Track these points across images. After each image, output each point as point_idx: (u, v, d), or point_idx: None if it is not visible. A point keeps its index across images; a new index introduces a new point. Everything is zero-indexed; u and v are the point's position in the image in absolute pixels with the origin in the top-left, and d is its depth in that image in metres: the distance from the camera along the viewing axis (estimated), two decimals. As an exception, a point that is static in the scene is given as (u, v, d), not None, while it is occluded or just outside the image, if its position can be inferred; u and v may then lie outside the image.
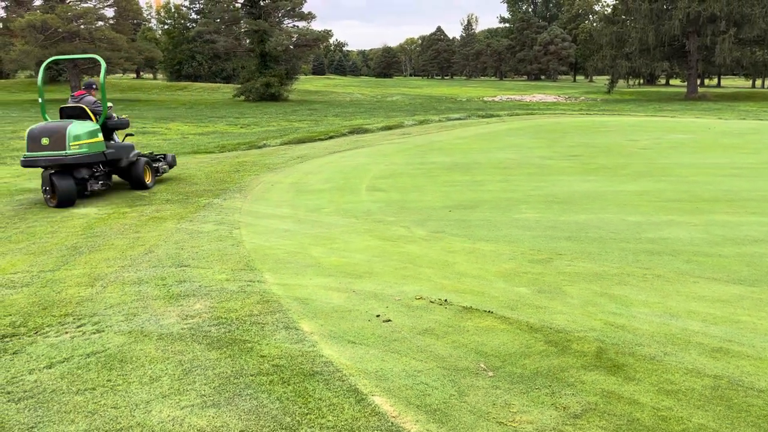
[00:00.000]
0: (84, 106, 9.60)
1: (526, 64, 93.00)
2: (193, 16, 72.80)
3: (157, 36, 77.05)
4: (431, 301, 4.61)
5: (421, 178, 11.05)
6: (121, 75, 77.92)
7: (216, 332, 4.07)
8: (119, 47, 44.44)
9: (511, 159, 13.25)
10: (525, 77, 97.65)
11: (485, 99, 46.68)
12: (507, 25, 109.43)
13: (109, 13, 48.01)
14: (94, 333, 4.13)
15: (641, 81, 65.70)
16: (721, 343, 3.78)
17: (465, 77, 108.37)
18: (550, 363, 3.54)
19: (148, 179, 10.24)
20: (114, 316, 4.43)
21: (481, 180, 10.67)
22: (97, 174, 9.55)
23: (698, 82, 52.58)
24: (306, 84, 61.14)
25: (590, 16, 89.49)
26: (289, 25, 47.51)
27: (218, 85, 60.62)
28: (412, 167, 12.36)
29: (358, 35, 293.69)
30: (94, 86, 10.32)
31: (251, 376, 3.45)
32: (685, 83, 50.89)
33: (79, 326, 4.26)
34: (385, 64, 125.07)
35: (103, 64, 10.76)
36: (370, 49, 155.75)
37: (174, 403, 3.18)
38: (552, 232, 6.82)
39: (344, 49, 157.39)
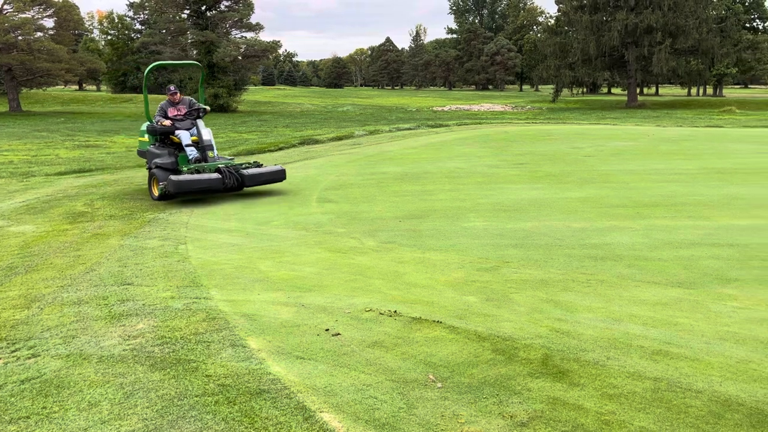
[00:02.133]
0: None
1: (474, 74, 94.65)
2: (138, 26, 71.34)
3: (100, 47, 75.15)
4: (381, 313, 4.60)
5: (372, 188, 11.06)
6: (63, 87, 75.59)
7: (159, 353, 3.96)
8: (59, 58, 43.10)
9: (460, 168, 13.40)
10: (473, 87, 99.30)
11: (435, 109, 47.21)
12: (454, 36, 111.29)
13: (49, 23, 46.53)
14: (30, 358, 3.96)
15: (584, 90, 67.66)
16: (661, 345, 3.89)
17: (415, 87, 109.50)
18: (497, 371, 3.57)
19: (155, 191, 10.06)
20: (51, 339, 4.25)
21: (431, 189, 10.75)
22: None
23: (638, 90, 54.50)
24: (255, 95, 60.60)
25: (534, 27, 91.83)
26: (237, 36, 47.09)
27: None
28: (363, 178, 12.36)
29: (308, 46, 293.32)
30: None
31: (196, 397, 3.36)
32: (626, 92, 52.64)
33: (13, 351, 4.08)
34: (335, 74, 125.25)
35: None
36: (321, 60, 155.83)
37: (114, 429, 3.06)
38: (500, 240, 6.92)
39: (294, 59, 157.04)
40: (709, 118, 30.84)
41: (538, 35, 72.05)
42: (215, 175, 9.53)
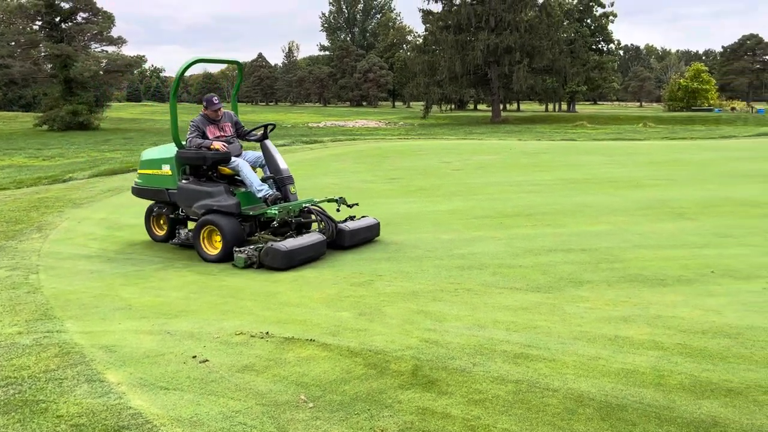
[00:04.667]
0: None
1: (348, 91, 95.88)
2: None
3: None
4: (252, 336, 4.48)
5: (244, 207, 10.81)
6: None
7: (3, 395, 3.59)
8: None
9: (334, 184, 13.46)
10: (348, 103, 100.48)
11: (310, 125, 47.20)
12: (327, 53, 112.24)
13: None
14: None
15: (453, 106, 70.79)
16: (522, 348, 4.11)
17: (289, 103, 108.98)
18: (369, 386, 3.59)
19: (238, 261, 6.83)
20: None
21: (305, 206, 10.69)
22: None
23: (501, 106, 57.77)
24: (120, 111, 57.50)
25: (404, 45, 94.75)
26: (96, 49, 44.41)
27: (15, 113, 54.82)
28: (235, 196, 12.06)
29: (179, 61, 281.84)
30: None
31: (45, 441, 3.08)
32: (491, 108, 55.61)
33: None
34: (206, 90, 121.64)
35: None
36: (191, 75, 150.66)
37: (-55, 487, 2.73)
38: (373, 254, 7.01)
39: (162, 75, 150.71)
40: (564, 132, 33.32)
41: (408, 53, 74.47)
42: (321, 237, 6.89)
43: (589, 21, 69.93)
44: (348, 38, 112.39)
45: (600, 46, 72.39)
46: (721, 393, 3.39)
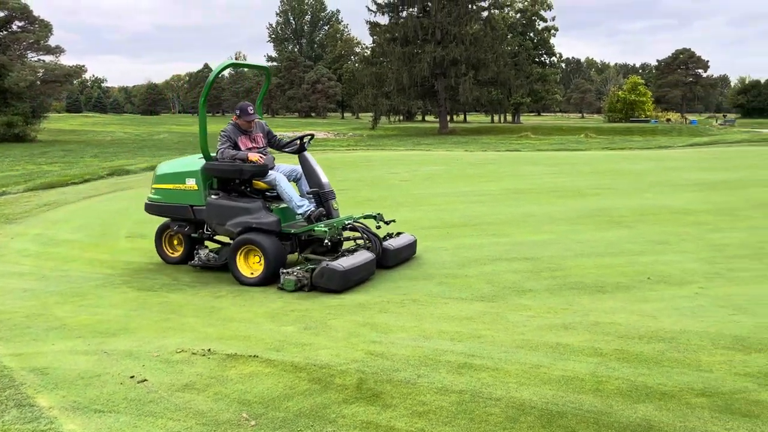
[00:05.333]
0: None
1: (296, 102, 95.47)
2: None
3: None
4: (194, 353, 4.37)
5: (189, 220, 10.59)
6: None
7: (-77, 425, 3.39)
8: None
9: (281, 196, 13.34)
10: (296, 114, 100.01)
11: (257, 136, 46.66)
12: (275, 63, 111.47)
13: None
14: None
15: (401, 117, 71.36)
16: (466, 358, 4.14)
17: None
18: (313, 401, 3.55)
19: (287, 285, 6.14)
20: None
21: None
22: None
23: (448, 118, 58.51)
24: (59, 123, 55.60)
25: (352, 57, 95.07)
26: (33, 59, 42.83)
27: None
28: (179, 209, 11.79)
29: (121, 71, 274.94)
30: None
31: (-32, 472, 2.91)
32: (438, 119, 56.26)
33: None
34: (150, 101, 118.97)
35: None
36: (134, 86, 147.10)
37: None
38: (319, 266, 6.94)
39: (103, 85, 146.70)
40: (509, 143, 34.00)
41: (356, 65, 74.78)
42: (372, 256, 6.38)
43: (531, 34, 71.86)
44: (296, 49, 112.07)
45: (543, 58, 74.40)
46: (655, 396, 3.49)
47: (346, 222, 6.68)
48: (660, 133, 43.75)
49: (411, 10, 48.38)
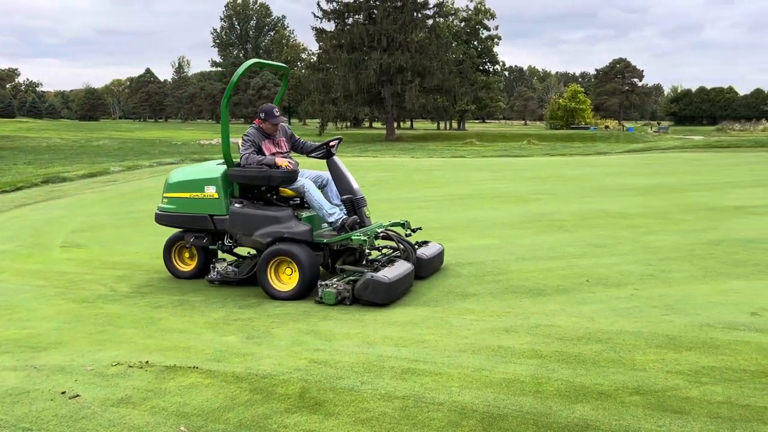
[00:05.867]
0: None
1: (242, 108, 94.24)
2: None
3: None
4: (130, 366, 4.22)
5: (129, 228, 10.29)
6: None
7: None
8: None
9: (225, 203, 13.12)
10: (242, 120, 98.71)
11: (202, 142, 45.81)
12: (220, 69, 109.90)
13: None
14: None
15: (348, 124, 71.40)
16: (410, 364, 4.15)
17: (180, 120, 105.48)
18: (254, 412, 3.48)
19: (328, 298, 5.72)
20: None
21: (194, 227, 10.34)
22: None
23: (395, 124, 58.94)
24: (-11, 128, 53.13)
25: (298, 63, 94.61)
26: (-39, 60, 40.91)
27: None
28: (119, 217, 11.45)
29: (58, 75, 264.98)
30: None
31: None
32: (385, 126, 56.59)
33: None
34: (89, 106, 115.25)
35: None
36: (72, 90, 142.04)
37: None
38: (263, 274, 6.84)
39: (39, 89, 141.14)
40: (455, 149, 34.46)
41: (302, 71, 74.37)
42: (411, 266, 6.04)
43: (476, 43, 73.19)
44: (241, 54, 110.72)
45: (486, 67, 75.89)
46: (593, 396, 3.58)
47: (379, 230, 6.34)
48: (599, 139, 45.19)
49: (357, 17, 48.61)
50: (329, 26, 49.95)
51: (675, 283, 6.05)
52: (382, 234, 6.33)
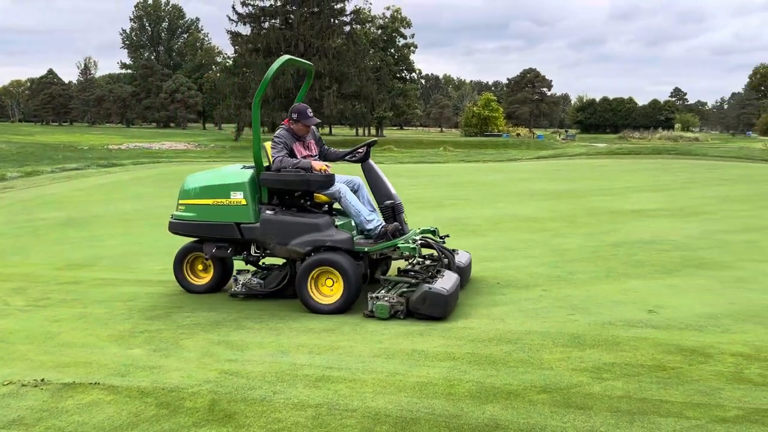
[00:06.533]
0: None
1: (154, 112, 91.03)
2: None
3: None
4: (24, 384, 3.94)
5: (26, 238, 9.68)
6: None
7: None
8: None
9: (135, 210, 12.61)
10: (154, 124, 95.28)
11: (110, 147, 43.86)
12: (130, 71, 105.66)
13: None
14: None
15: (265, 129, 70.25)
16: (324, 371, 4.10)
17: (87, 124, 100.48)
18: (160, 428, 3.33)
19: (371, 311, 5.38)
20: None
21: (100, 235, 9.86)
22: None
23: (314, 130, 58.64)
24: None
25: (213, 66, 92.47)
26: None
27: None
28: (15, 226, 10.75)
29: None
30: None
31: None
32: (303, 131, 56.26)
33: None
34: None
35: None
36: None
37: None
38: (175, 284, 6.59)
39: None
40: (373, 155, 34.43)
41: (218, 75, 72.76)
42: (458, 276, 5.68)
43: (392, 51, 74.10)
44: (152, 57, 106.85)
45: (403, 74, 77.00)
46: (502, 396, 3.66)
47: (417, 238, 5.94)
48: (511, 146, 46.82)
49: (273, 21, 48.15)
50: (245, 30, 49.18)
51: (580, 284, 6.32)
52: (421, 242, 5.90)
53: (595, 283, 6.39)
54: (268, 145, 6.04)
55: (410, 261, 5.91)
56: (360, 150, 6.08)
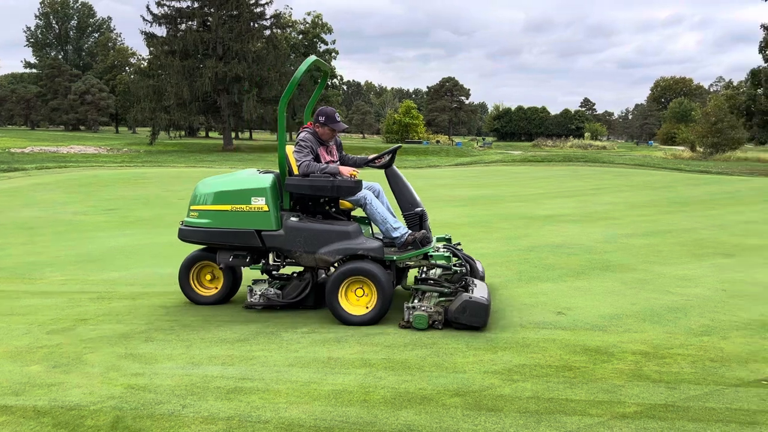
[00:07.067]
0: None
1: (62, 114, 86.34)
2: None
3: None
4: None
5: None
6: None
7: None
8: None
9: (38, 217, 11.91)
10: (62, 127, 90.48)
11: (12, 151, 41.23)
12: (35, 70, 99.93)
13: None
14: None
15: (182, 133, 68.27)
16: (236, 382, 4.00)
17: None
18: (57, 450, 3.14)
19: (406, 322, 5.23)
20: None
21: (-3, 244, 9.25)
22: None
23: (233, 135, 57.45)
24: None
25: (127, 68, 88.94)
26: None
27: None
28: None
29: None
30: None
31: None
32: (222, 136, 54.93)
33: None
34: None
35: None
36: None
37: None
38: (79, 295, 6.30)
39: None
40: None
41: (131, 76, 69.98)
42: (487, 285, 5.65)
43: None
44: (60, 56, 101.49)
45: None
46: (416, 401, 3.69)
47: (439, 246, 5.88)
48: (430, 153, 47.60)
49: (190, 23, 46.77)
50: (160, 31, 47.52)
51: (495, 288, 6.48)
52: (450, 250, 5.84)
53: (508, 286, 6.57)
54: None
55: (437, 271, 5.82)
56: (386, 155, 5.86)
